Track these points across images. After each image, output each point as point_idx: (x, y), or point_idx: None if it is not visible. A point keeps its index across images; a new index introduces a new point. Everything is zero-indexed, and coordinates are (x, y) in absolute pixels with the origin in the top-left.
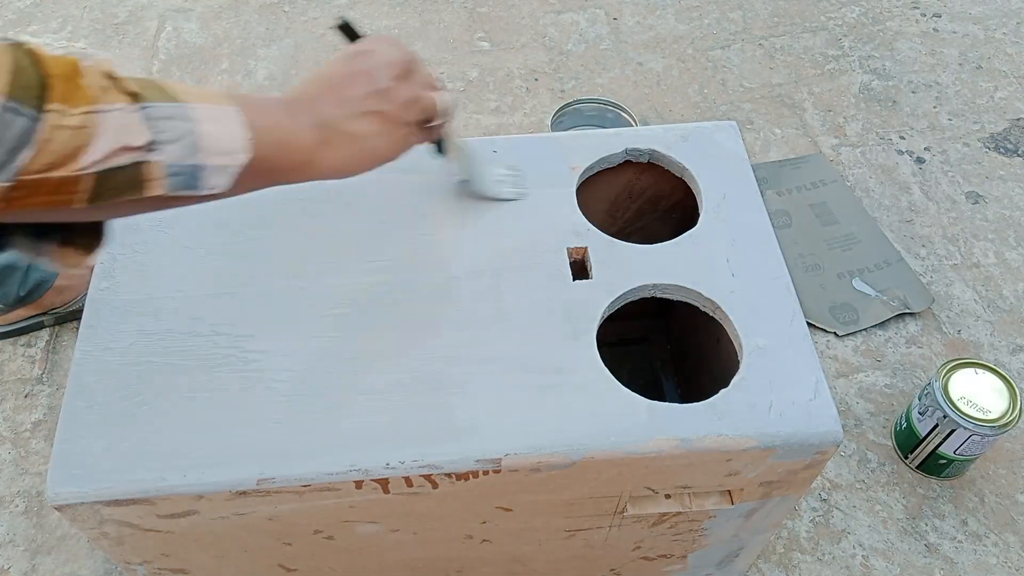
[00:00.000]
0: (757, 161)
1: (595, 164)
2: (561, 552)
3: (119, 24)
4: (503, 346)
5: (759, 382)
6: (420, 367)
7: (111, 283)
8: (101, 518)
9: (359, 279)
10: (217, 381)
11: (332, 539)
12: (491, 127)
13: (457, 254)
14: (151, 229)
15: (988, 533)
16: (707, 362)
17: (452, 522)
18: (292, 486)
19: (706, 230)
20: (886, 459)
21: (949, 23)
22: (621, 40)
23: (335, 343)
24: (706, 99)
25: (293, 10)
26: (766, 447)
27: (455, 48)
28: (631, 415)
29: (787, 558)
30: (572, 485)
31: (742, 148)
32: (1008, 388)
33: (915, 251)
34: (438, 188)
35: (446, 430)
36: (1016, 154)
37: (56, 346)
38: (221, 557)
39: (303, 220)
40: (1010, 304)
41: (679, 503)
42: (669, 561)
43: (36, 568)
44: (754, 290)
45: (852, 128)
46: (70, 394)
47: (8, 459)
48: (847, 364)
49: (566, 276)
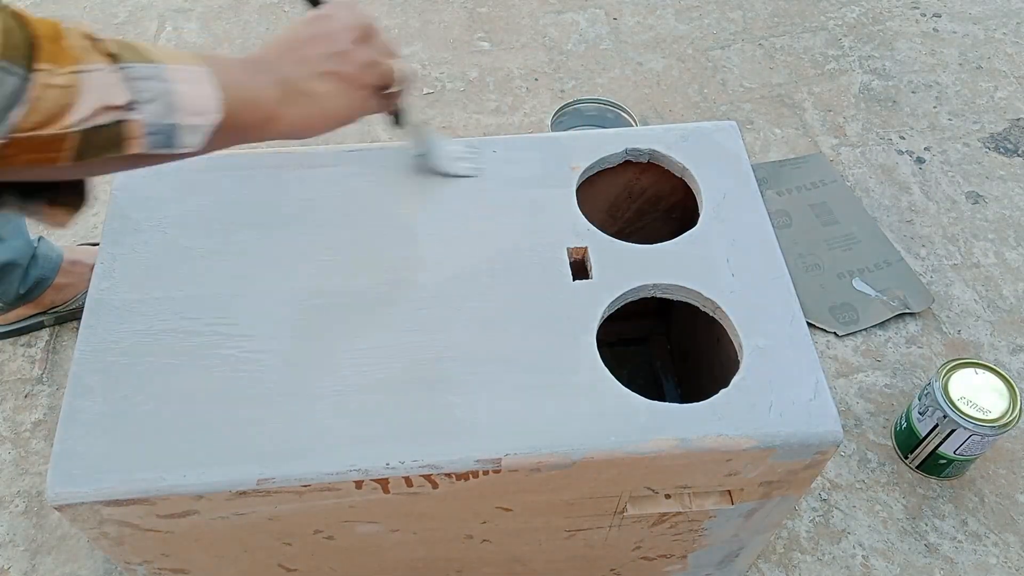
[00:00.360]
0: (757, 161)
1: (595, 164)
2: (561, 552)
3: (119, 24)
4: (503, 346)
5: (759, 382)
6: (420, 367)
7: (111, 283)
8: (101, 518)
9: (359, 280)
10: (217, 381)
11: (332, 539)
12: (491, 127)
13: (457, 254)
14: (151, 229)
15: (988, 533)
16: (707, 362)
17: (452, 522)
18: (292, 486)
19: (706, 230)
20: (886, 459)
21: (949, 23)
22: (621, 40)
23: (335, 343)
24: (706, 99)
25: (293, 10)
26: (766, 447)
27: (455, 48)
28: (631, 415)
29: (787, 558)
30: (572, 485)
31: (742, 148)
32: (1008, 388)
33: (915, 251)
34: (437, 188)
35: (446, 430)
36: (1016, 154)
37: (56, 346)
38: (221, 557)
39: (303, 221)
40: (1010, 304)
41: (679, 503)
42: (669, 561)
43: (36, 568)
44: (754, 290)
45: (852, 128)
46: (70, 394)
47: (8, 459)
48: (847, 364)
49: (566, 276)
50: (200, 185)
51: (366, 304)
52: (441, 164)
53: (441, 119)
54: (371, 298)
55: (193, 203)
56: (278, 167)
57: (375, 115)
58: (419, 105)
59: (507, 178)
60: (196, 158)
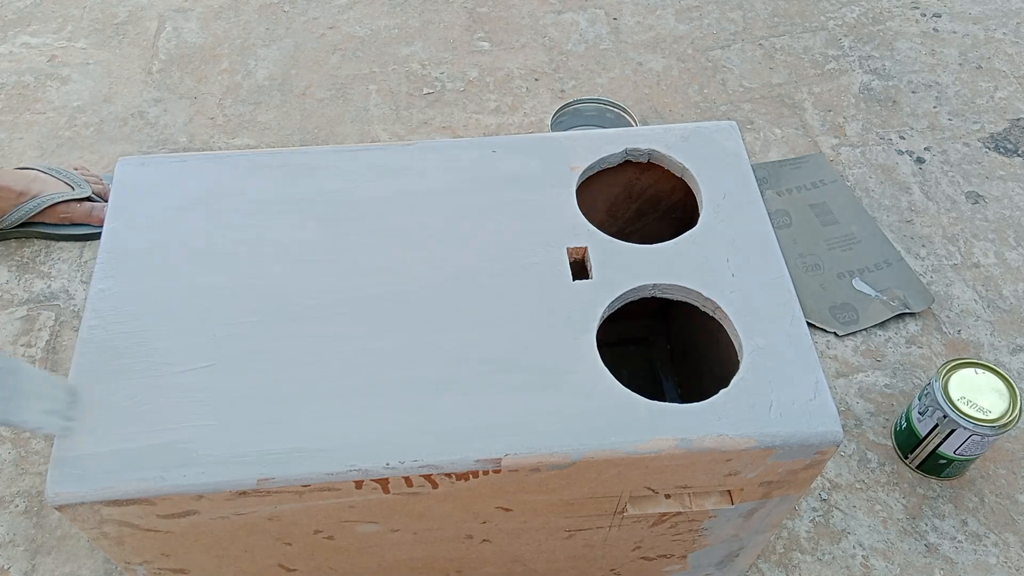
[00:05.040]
0: (757, 161)
1: (595, 164)
2: (561, 552)
3: (119, 24)
4: (503, 346)
5: (759, 382)
6: (420, 367)
7: (111, 283)
8: (101, 518)
9: (358, 280)
10: (217, 381)
11: (332, 539)
12: (491, 127)
13: (456, 254)
14: (151, 229)
15: (988, 533)
16: (707, 362)
17: (452, 522)
18: (292, 486)
19: (706, 230)
20: (886, 459)
21: (949, 23)
22: (621, 40)
23: (334, 343)
24: (706, 99)
25: (293, 10)
26: (766, 447)
27: (455, 48)
28: (631, 415)
29: (787, 558)
30: (572, 485)
31: (742, 148)
32: (1008, 388)
33: (915, 251)
34: (436, 188)
35: (446, 430)
36: (1016, 154)
37: (56, 346)
38: (221, 557)
39: (303, 222)
40: (1010, 304)
41: (679, 503)
42: (669, 561)
43: (36, 568)
44: (754, 290)
45: (852, 128)
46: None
47: (8, 459)
48: (847, 364)
49: (566, 276)
50: (197, 184)
51: (365, 304)
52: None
53: (441, 119)
54: (369, 298)
55: (191, 203)
56: (278, 166)
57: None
58: (419, 105)
59: (507, 178)
60: (196, 154)
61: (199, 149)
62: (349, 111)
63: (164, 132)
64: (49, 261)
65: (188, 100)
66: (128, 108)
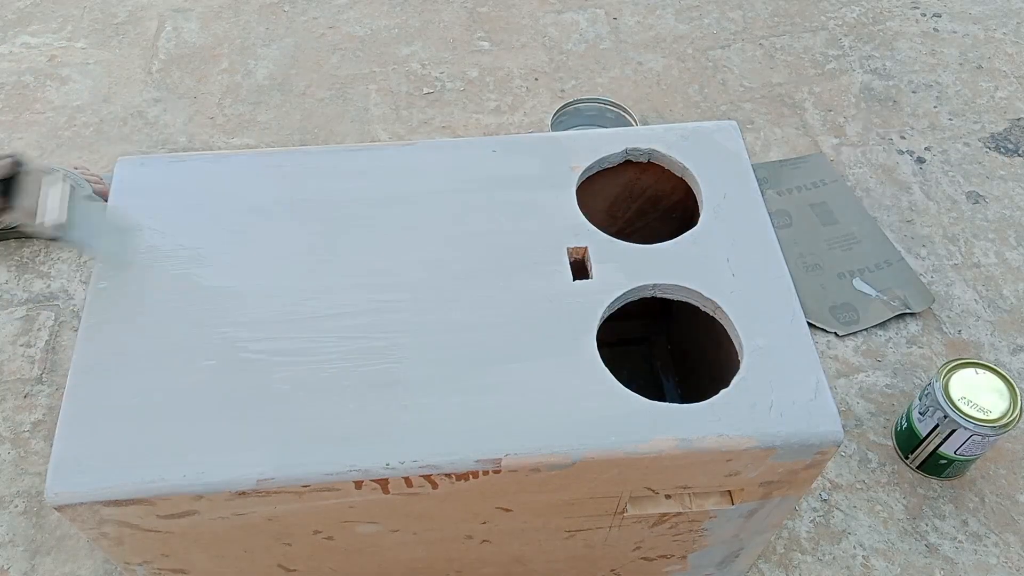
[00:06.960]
0: (757, 161)
1: (595, 164)
2: (561, 552)
3: (119, 24)
4: (503, 346)
5: (759, 382)
6: (420, 367)
7: (111, 283)
8: (101, 518)
9: (358, 281)
10: (217, 381)
11: (332, 539)
12: (491, 127)
13: (457, 254)
14: (151, 229)
15: (988, 533)
16: (707, 362)
17: (452, 522)
18: (292, 486)
19: (706, 230)
20: (886, 459)
21: (949, 23)
22: (621, 40)
23: (334, 344)
24: (706, 99)
25: (293, 10)
26: (766, 447)
27: (455, 48)
28: (631, 415)
29: (787, 558)
30: (572, 485)
31: (742, 148)
32: (1008, 388)
33: (915, 251)
34: (437, 189)
35: (446, 430)
36: (1016, 154)
37: (56, 346)
38: (221, 557)
39: (303, 221)
40: (1010, 304)
41: (679, 503)
42: (669, 561)
43: (36, 568)
44: (754, 290)
45: (852, 128)
46: (69, 394)
47: (8, 459)
48: (847, 364)
49: (566, 276)
50: (197, 184)
51: (365, 305)
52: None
53: (441, 119)
54: (369, 299)
55: (191, 203)
56: (277, 166)
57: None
58: (419, 105)
59: (507, 178)
60: (196, 154)
61: (199, 149)
62: (349, 111)
63: (164, 132)
64: (49, 261)
65: (188, 100)
66: (128, 108)
